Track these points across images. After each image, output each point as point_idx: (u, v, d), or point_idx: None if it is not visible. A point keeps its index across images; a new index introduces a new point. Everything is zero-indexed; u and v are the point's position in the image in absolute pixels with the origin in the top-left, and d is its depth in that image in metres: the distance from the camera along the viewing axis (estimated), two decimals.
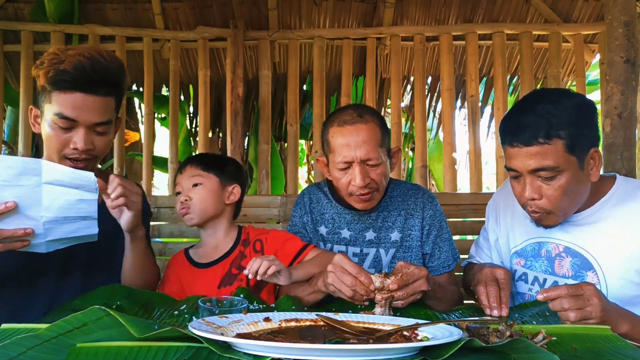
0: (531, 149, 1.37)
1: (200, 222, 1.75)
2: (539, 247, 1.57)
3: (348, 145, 1.59)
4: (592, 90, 5.94)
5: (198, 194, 1.73)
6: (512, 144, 1.41)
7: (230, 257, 1.73)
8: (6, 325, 1.08)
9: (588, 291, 1.21)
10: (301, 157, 6.62)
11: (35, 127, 1.52)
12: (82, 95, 1.41)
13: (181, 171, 1.79)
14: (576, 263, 1.49)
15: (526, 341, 0.91)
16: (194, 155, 1.96)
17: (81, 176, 1.29)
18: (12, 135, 4.42)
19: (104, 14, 3.67)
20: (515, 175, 1.45)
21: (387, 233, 1.76)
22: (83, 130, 1.43)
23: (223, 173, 1.78)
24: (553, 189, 1.40)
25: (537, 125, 1.37)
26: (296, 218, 1.86)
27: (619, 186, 1.51)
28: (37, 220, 1.27)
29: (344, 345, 0.92)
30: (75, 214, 1.30)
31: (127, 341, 0.92)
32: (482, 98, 4.01)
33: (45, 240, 1.31)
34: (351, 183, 1.61)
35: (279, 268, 1.45)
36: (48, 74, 1.40)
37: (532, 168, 1.39)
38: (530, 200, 1.43)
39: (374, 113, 1.68)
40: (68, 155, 1.45)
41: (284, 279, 1.47)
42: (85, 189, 1.29)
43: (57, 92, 1.41)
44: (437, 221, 1.77)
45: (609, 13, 2.49)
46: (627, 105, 2.43)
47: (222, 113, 4.08)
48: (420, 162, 3.61)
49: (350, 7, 3.68)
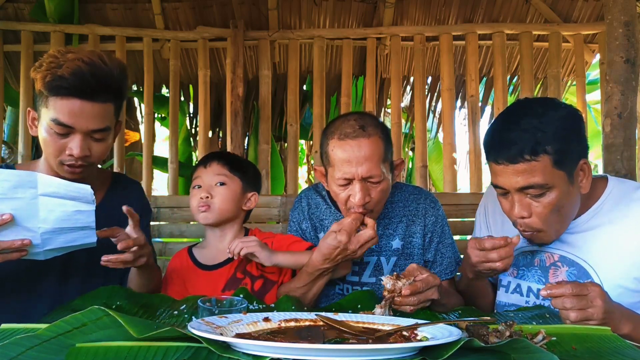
0: (517, 167, 1.32)
1: (216, 222, 1.71)
2: (532, 257, 1.53)
3: (349, 162, 1.51)
4: (592, 90, 5.94)
5: (221, 194, 1.69)
6: (497, 161, 1.35)
7: (236, 261, 1.67)
8: (6, 325, 1.08)
9: (593, 292, 1.17)
10: (301, 157, 6.62)
11: (33, 129, 1.49)
12: (80, 102, 1.37)
13: (205, 165, 1.73)
14: (573, 272, 1.45)
15: (526, 341, 0.91)
16: (218, 152, 1.90)
17: (77, 188, 1.28)
18: (12, 135, 4.42)
19: (104, 14, 3.68)
20: (503, 193, 1.40)
21: (388, 241, 1.71)
22: (79, 137, 1.40)
23: (245, 177, 1.74)
24: (543, 206, 1.35)
25: (523, 141, 1.30)
26: (295, 224, 1.80)
27: (612, 188, 1.46)
28: (35, 232, 1.27)
29: (344, 345, 0.91)
30: (72, 225, 1.30)
31: (126, 341, 0.92)
32: (482, 98, 4.01)
33: (43, 249, 1.31)
34: (350, 199, 1.55)
35: (253, 250, 1.52)
36: (45, 79, 1.36)
37: (519, 186, 1.33)
38: (519, 219, 1.38)
39: (378, 125, 1.58)
40: (64, 161, 1.43)
41: (262, 260, 1.53)
42: (82, 200, 1.29)
43: (54, 98, 1.37)
44: (439, 227, 1.72)
45: (609, 13, 2.49)
46: (627, 105, 2.42)
47: (222, 113, 4.09)
48: (420, 162, 3.61)
49: (350, 7, 3.68)
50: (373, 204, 1.56)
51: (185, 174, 4.41)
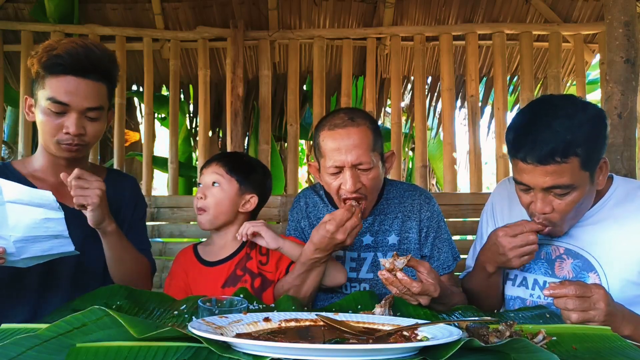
0: (547, 168, 1.33)
1: (211, 227, 1.73)
2: (539, 250, 1.54)
3: (339, 150, 1.56)
4: (592, 90, 5.94)
5: (213, 195, 1.71)
6: (525, 160, 1.35)
7: (236, 258, 1.72)
8: (6, 325, 1.08)
9: (596, 294, 1.18)
10: (301, 157, 6.62)
11: (29, 115, 1.55)
12: (75, 79, 1.45)
13: (206, 166, 1.77)
14: (577, 264, 1.48)
15: (526, 341, 0.91)
16: (224, 152, 1.93)
17: (39, 195, 1.30)
18: (12, 135, 4.42)
19: (104, 14, 3.67)
20: (525, 189, 1.42)
21: (385, 237, 1.74)
22: (75, 115, 1.47)
23: (246, 180, 1.74)
24: (565, 204, 1.38)
25: (555, 142, 1.31)
26: (293, 223, 1.84)
27: (618, 186, 1.50)
28: (7, 240, 1.27)
29: (344, 345, 0.91)
30: (44, 233, 1.30)
31: (126, 341, 0.92)
32: (482, 98, 4.00)
33: (20, 258, 1.31)
34: (342, 187, 1.59)
35: (259, 229, 1.56)
36: (42, 59, 1.46)
37: (547, 186, 1.35)
38: (540, 214, 1.40)
39: (366, 117, 1.65)
40: (61, 141, 1.49)
41: (268, 240, 1.57)
42: (48, 207, 1.30)
43: (50, 77, 1.45)
44: (434, 222, 1.75)
45: (609, 13, 2.49)
46: (627, 105, 2.42)
47: (222, 113, 4.08)
48: (420, 162, 3.61)
49: (350, 7, 3.68)
50: (365, 190, 1.61)
51: (185, 174, 4.42)
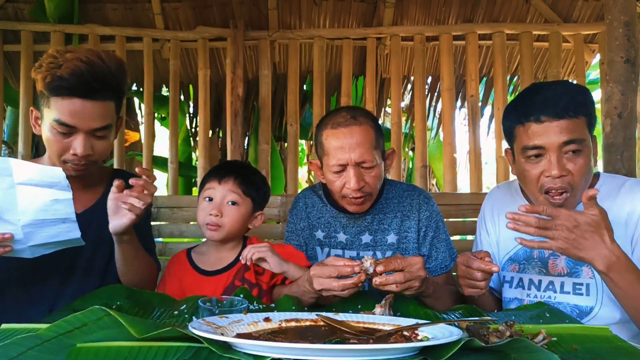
0: (562, 122, 1.39)
1: (222, 240, 1.69)
2: (531, 250, 1.56)
3: (342, 148, 1.57)
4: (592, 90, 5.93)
5: (231, 215, 1.64)
6: (539, 119, 1.41)
7: (234, 269, 1.67)
8: (6, 325, 1.08)
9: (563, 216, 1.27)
10: (301, 157, 6.61)
11: (36, 128, 1.51)
12: (81, 101, 1.39)
13: (220, 180, 1.67)
14: (571, 259, 1.47)
15: (526, 341, 0.91)
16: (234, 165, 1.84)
17: (50, 173, 1.27)
18: (12, 135, 4.41)
19: (103, 13, 3.67)
20: (537, 154, 1.44)
21: (384, 236, 1.74)
22: (82, 136, 1.42)
23: (257, 197, 1.71)
24: (578, 166, 1.42)
25: (568, 98, 1.41)
26: (292, 224, 1.84)
27: (604, 182, 1.53)
28: (16, 225, 1.26)
29: (344, 345, 0.91)
30: (52, 216, 1.28)
31: (127, 341, 0.92)
32: (482, 98, 4.00)
33: (27, 245, 1.30)
34: (345, 186, 1.59)
35: (264, 255, 1.49)
36: (45, 80, 1.38)
37: (563, 140, 1.39)
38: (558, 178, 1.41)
39: (368, 115, 1.66)
40: (68, 160, 1.44)
41: (273, 265, 1.50)
42: (58, 187, 1.27)
43: (55, 98, 1.39)
44: (433, 222, 1.75)
45: (609, 13, 2.49)
46: (627, 105, 2.43)
47: (222, 113, 4.08)
48: (420, 162, 3.61)
49: (350, 7, 3.68)
50: (368, 188, 1.62)
51: (185, 174, 4.41)
